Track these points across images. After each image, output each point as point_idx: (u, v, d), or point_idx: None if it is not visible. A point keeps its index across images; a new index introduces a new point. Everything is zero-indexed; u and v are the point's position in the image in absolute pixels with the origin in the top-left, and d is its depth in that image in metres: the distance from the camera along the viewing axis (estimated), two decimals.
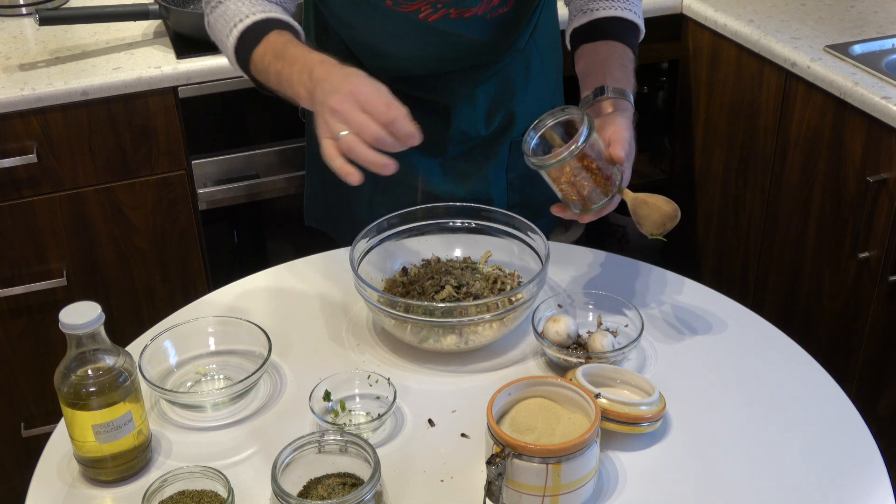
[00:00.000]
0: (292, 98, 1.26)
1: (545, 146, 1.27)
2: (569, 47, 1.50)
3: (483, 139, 1.61)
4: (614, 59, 1.42)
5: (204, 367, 1.30)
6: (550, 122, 1.26)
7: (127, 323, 2.10)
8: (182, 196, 2.08)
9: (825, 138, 1.97)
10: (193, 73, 1.98)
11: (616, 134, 1.27)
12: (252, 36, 1.32)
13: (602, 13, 1.45)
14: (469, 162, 1.62)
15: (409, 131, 1.14)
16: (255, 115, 2.12)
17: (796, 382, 1.27)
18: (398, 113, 1.14)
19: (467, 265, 1.42)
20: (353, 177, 1.15)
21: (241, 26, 1.33)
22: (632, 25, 1.47)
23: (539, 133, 1.26)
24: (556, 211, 1.30)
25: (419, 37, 1.46)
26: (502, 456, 1.03)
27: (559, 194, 1.27)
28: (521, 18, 1.53)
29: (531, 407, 1.12)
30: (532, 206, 1.55)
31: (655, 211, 1.25)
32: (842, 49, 1.97)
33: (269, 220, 2.33)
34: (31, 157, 1.91)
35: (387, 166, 1.14)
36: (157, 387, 1.21)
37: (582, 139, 1.19)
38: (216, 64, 1.99)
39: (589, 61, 1.43)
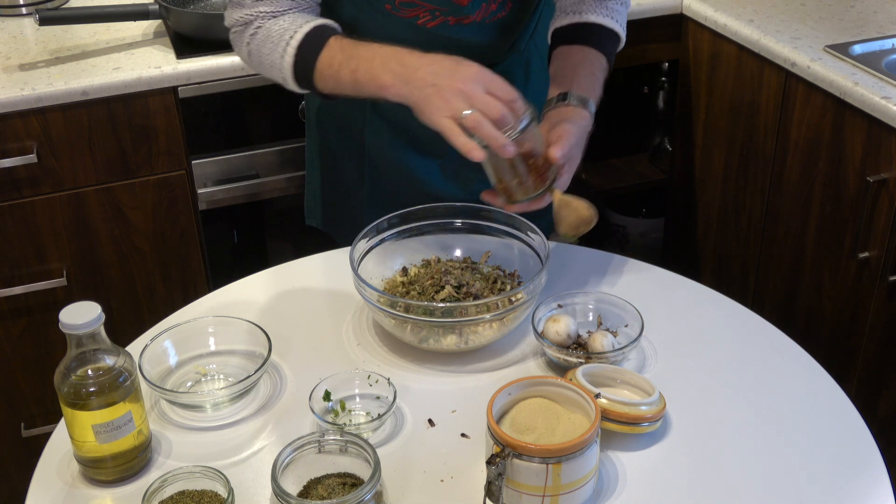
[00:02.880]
0: (372, 92, 1.29)
1: None
2: (548, 42, 1.52)
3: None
4: (585, 67, 1.44)
5: (204, 367, 1.30)
6: None
7: (127, 323, 2.10)
8: (182, 196, 2.08)
9: (825, 138, 1.97)
10: (193, 73, 1.98)
11: (559, 136, 1.31)
12: (310, 47, 1.34)
13: (585, 18, 1.47)
14: (468, 163, 1.61)
15: (527, 109, 1.22)
16: (255, 115, 2.12)
17: (796, 382, 1.27)
18: (516, 93, 1.21)
19: (467, 265, 1.42)
20: (477, 152, 1.20)
21: (294, 42, 1.35)
22: (612, 34, 1.49)
23: None
24: (485, 197, 1.34)
25: (418, 41, 1.46)
26: (502, 456, 1.03)
27: (493, 181, 1.30)
28: (519, 21, 1.53)
29: (531, 407, 1.12)
30: None
31: (574, 213, 1.31)
32: (842, 49, 1.97)
33: (269, 220, 2.33)
34: (31, 157, 1.91)
35: (507, 147, 1.20)
36: (157, 387, 1.21)
37: (520, 126, 1.23)
38: (216, 64, 1.99)
39: (561, 64, 1.46)
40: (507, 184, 1.29)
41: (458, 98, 1.19)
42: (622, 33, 1.50)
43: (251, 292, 1.46)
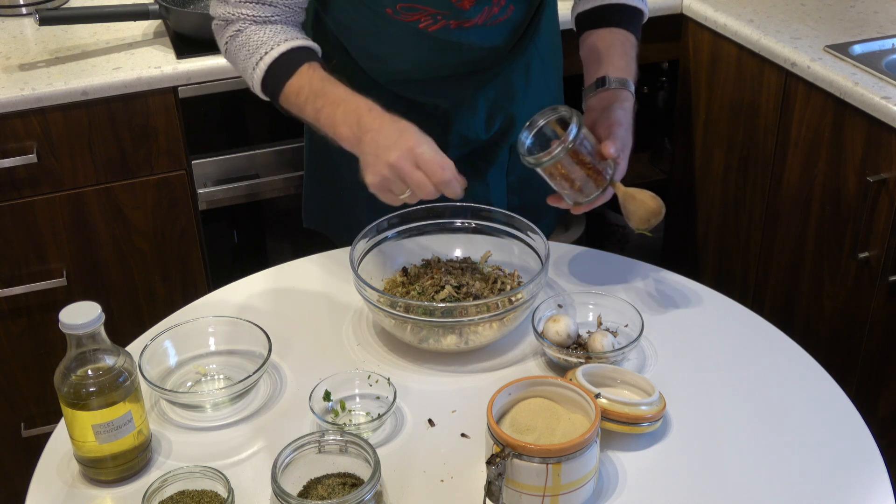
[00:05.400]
0: (332, 137, 1.34)
1: (540, 144, 1.32)
2: (574, 30, 1.54)
3: (483, 143, 1.61)
4: (616, 48, 1.46)
5: (204, 367, 1.30)
6: (542, 122, 1.33)
7: (127, 323, 2.10)
8: (182, 196, 2.08)
9: (825, 138, 1.97)
10: (193, 73, 1.98)
11: (609, 130, 1.33)
12: (282, 69, 1.37)
13: (607, 0, 1.48)
14: (469, 166, 1.61)
15: (458, 193, 1.26)
16: (255, 115, 2.12)
17: (796, 382, 1.27)
18: (451, 174, 1.25)
19: (467, 265, 1.42)
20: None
21: (268, 59, 1.38)
22: (637, 12, 1.51)
23: (532, 133, 1.33)
24: (552, 202, 1.37)
25: (419, 44, 1.46)
26: (502, 456, 1.03)
27: (555, 187, 1.33)
28: (521, 24, 1.53)
29: (531, 407, 1.12)
30: (532, 208, 1.55)
31: (642, 207, 1.32)
32: (842, 49, 1.97)
33: (269, 220, 2.33)
34: (31, 157, 1.91)
35: (460, 188, 1.27)
36: (157, 387, 1.21)
37: (571, 136, 1.26)
38: (216, 64, 1.99)
39: (592, 48, 1.48)
40: (571, 188, 1.31)
41: (392, 172, 1.24)
42: (646, 9, 1.53)
43: (251, 292, 1.46)
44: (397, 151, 1.24)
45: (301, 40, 1.40)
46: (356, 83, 1.55)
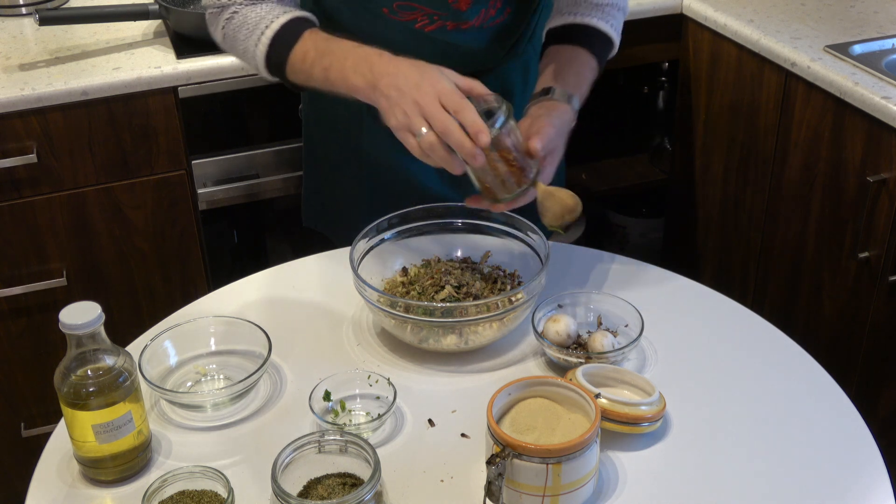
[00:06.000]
0: (343, 91, 1.30)
1: None
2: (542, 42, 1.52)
3: None
4: (573, 65, 1.44)
5: (204, 367, 1.30)
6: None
7: (127, 323, 2.10)
8: (182, 196, 2.08)
9: (825, 138, 1.97)
10: (193, 73, 1.98)
11: (538, 129, 1.31)
12: (285, 39, 1.35)
13: (580, 19, 1.47)
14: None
15: (502, 105, 1.22)
16: (255, 115, 2.12)
17: (796, 382, 1.27)
18: (472, 112, 1.20)
19: (467, 265, 1.42)
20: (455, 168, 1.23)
21: (269, 32, 1.36)
22: (606, 39, 1.48)
23: None
24: (470, 203, 1.34)
25: (416, 45, 1.46)
26: (502, 456, 1.03)
27: (475, 183, 1.30)
28: (517, 26, 1.52)
29: (531, 407, 1.12)
30: (531, 211, 1.54)
31: (557, 203, 1.30)
32: (842, 49, 1.97)
33: (269, 220, 2.33)
34: (31, 157, 1.91)
35: (460, 166, 1.23)
36: (157, 387, 1.21)
37: (498, 124, 1.23)
38: (216, 64, 1.99)
39: (549, 61, 1.46)
40: (489, 184, 1.29)
41: (416, 113, 1.20)
42: (616, 38, 1.50)
43: (251, 292, 1.46)
44: (420, 90, 1.20)
45: (301, 12, 1.39)
46: None
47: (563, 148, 1.36)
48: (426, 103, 1.20)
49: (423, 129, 1.19)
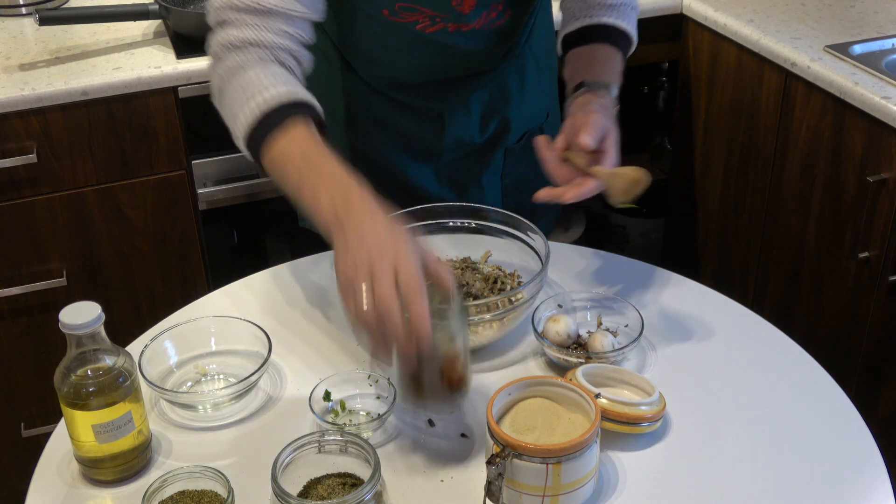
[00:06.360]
0: (309, 209, 1.16)
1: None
2: (559, 52, 1.51)
3: (477, 146, 1.60)
4: (598, 58, 1.44)
5: (204, 367, 1.30)
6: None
7: (127, 323, 2.10)
8: (182, 196, 2.08)
9: (825, 138, 1.97)
10: (193, 73, 1.98)
11: (583, 122, 1.26)
12: (274, 118, 1.21)
13: (595, 20, 1.46)
14: (463, 169, 1.62)
15: (425, 332, 1.02)
16: None
17: (796, 382, 1.27)
18: (423, 307, 1.02)
19: (467, 265, 1.42)
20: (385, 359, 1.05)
21: (263, 105, 1.21)
22: (624, 34, 1.48)
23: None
24: (540, 196, 1.26)
25: (415, 46, 1.46)
26: (502, 456, 1.03)
27: (396, 372, 1.13)
28: (517, 27, 1.52)
29: (531, 407, 1.12)
30: (528, 210, 1.55)
31: (623, 179, 1.25)
32: (842, 49, 1.97)
33: (269, 220, 2.33)
34: (31, 157, 1.91)
35: (389, 357, 1.05)
36: (157, 387, 1.21)
37: (442, 328, 1.06)
38: None
39: (574, 63, 1.45)
40: (411, 382, 1.11)
41: (365, 275, 1.03)
42: (633, 34, 1.49)
43: (251, 292, 1.46)
44: (382, 259, 1.03)
45: (302, 93, 1.25)
46: (349, 87, 1.55)
47: (617, 129, 1.31)
48: (380, 272, 1.03)
49: (365, 300, 1.02)
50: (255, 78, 1.24)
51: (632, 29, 1.49)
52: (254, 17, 1.26)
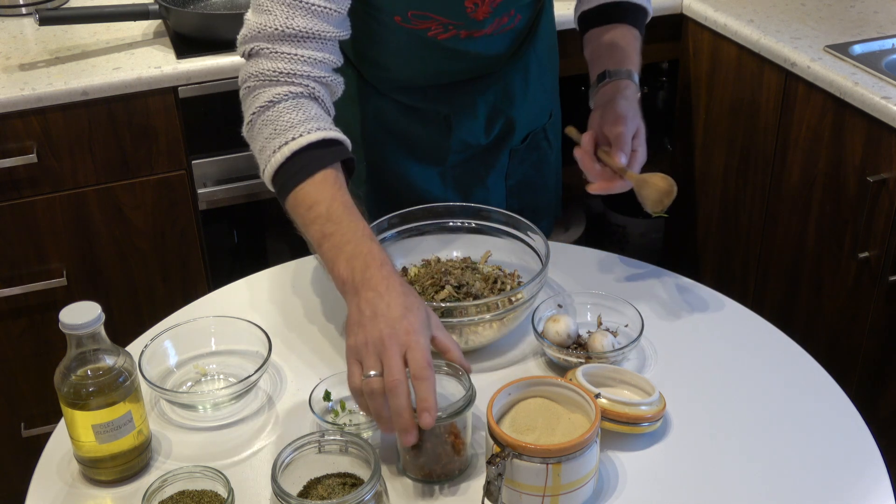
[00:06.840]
0: (327, 269, 1.17)
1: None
2: (577, 29, 1.54)
3: (483, 147, 1.61)
4: (618, 42, 1.46)
5: (204, 367, 1.30)
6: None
7: (127, 323, 2.10)
8: (182, 196, 2.08)
9: (825, 138, 1.97)
10: (193, 73, 1.98)
11: (616, 134, 1.33)
12: (303, 160, 1.21)
13: None
14: (468, 170, 1.62)
15: (430, 408, 1.05)
16: None
17: (796, 382, 1.27)
18: (430, 388, 1.06)
19: (467, 265, 1.42)
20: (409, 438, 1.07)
21: (294, 145, 1.21)
22: (640, 9, 1.51)
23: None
24: (592, 189, 1.37)
25: (424, 52, 1.46)
26: (502, 456, 1.03)
27: (399, 444, 1.12)
28: (523, 30, 1.53)
29: (531, 407, 1.12)
30: (531, 211, 1.55)
31: (653, 190, 1.32)
32: (842, 49, 1.97)
33: (269, 220, 2.33)
34: (31, 157, 1.91)
35: (391, 430, 1.08)
36: (157, 387, 1.21)
37: (447, 414, 1.09)
38: (216, 64, 1.99)
39: (595, 46, 1.48)
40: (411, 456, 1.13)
41: (374, 350, 1.07)
42: (649, 6, 1.53)
43: (251, 292, 1.46)
44: (393, 338, 1.06)
45: (333, 131, 1.24)
46: (356, 90, 1.55)
47: (643, 124, 1.38)
48: (389, 349, 1.06)
49: (373, 373, 1.06)
50: (287, 113, 1.24)
51: (646, 2, 1.52)
52: (286, 46, 1.25)
